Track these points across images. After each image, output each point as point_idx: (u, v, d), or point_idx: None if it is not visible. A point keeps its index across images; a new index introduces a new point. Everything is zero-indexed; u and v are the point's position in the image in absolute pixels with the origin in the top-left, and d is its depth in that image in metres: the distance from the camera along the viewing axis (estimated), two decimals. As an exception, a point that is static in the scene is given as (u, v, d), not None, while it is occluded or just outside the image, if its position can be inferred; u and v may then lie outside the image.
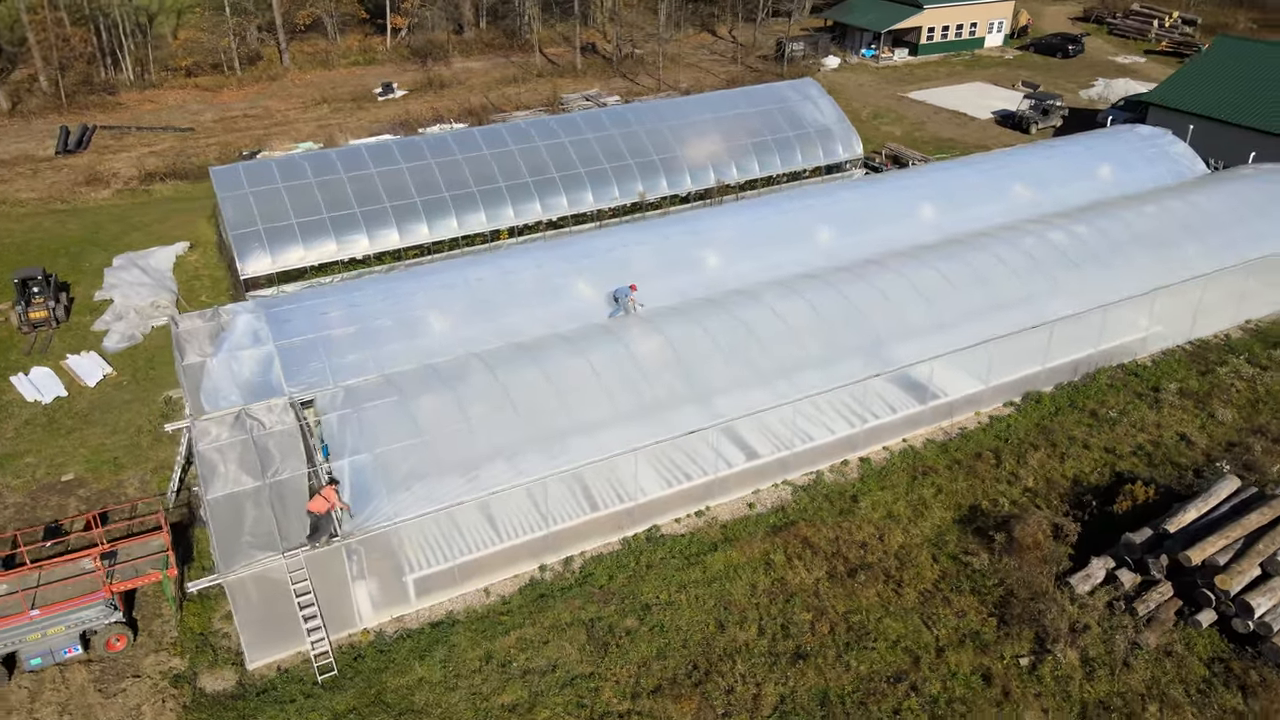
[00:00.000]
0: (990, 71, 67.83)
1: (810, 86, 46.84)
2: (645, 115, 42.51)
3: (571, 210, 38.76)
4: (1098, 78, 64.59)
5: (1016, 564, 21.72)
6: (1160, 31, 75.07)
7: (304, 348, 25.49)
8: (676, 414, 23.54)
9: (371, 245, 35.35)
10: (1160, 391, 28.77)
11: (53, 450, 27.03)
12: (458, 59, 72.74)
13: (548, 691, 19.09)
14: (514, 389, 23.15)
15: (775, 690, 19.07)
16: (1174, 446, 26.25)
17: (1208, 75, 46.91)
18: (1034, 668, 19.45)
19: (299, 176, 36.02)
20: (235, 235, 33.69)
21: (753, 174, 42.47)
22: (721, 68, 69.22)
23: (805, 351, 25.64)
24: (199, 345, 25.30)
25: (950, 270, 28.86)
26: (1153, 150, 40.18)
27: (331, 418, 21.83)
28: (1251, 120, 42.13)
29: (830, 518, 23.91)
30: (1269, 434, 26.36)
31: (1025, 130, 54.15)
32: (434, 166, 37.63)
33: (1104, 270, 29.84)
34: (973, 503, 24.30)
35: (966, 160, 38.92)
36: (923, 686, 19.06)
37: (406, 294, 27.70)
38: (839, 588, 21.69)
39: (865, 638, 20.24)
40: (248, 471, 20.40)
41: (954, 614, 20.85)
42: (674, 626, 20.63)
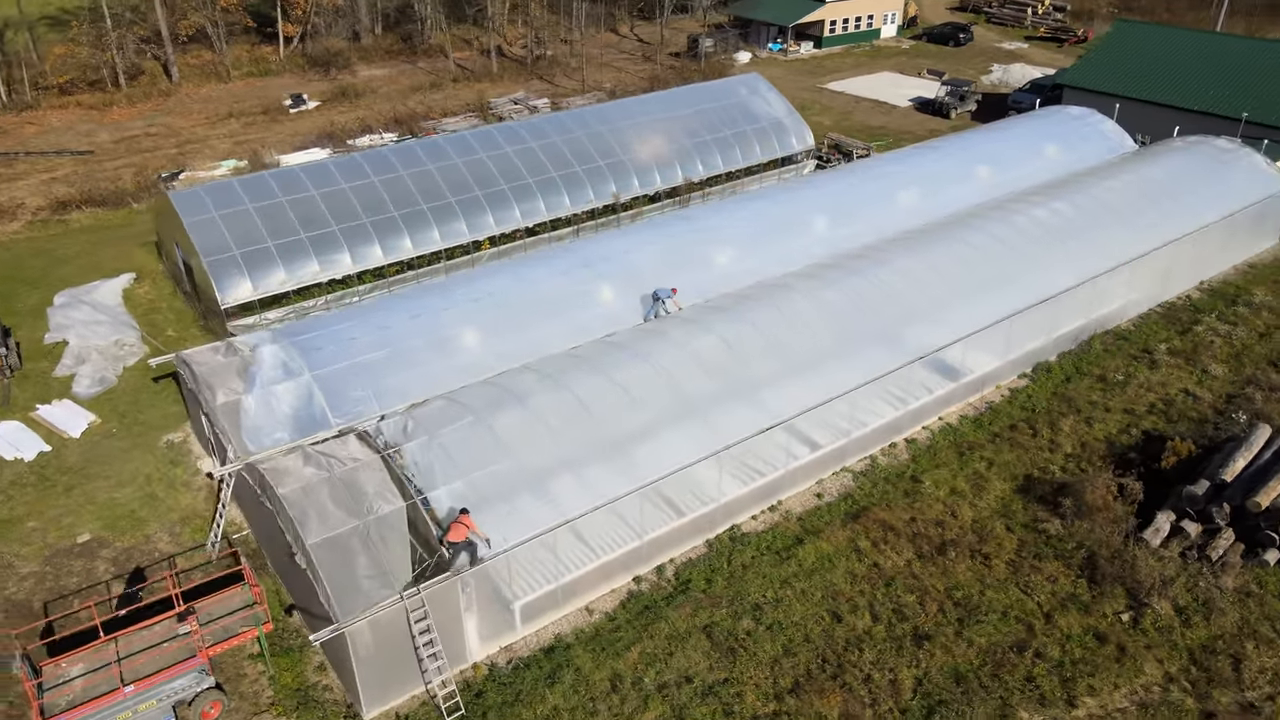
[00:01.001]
0: (892, 61, 70.62)
1: (757, 81, 47.55)
2: (609, 116, 42.10)
3: (550, 215, 38.00)
4: (993, 64, 68.33)
5: (1089, 526, 22.81)
6: (1035, 18, 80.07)
7: (341, 375, 24.11)
8: (744, 411, 23.50)
9: (354, 264, 33.60)
10: (1153, 353, 30.79)
11: (55, 510, 24.48)
12: (362, 67, 69.94)
13: (690, 703, 18.75)
14: (584, 398, 22.57)
15: (910, 674, 19.36)
16: (1183, 402, 28.16)
17: (1115, 58, 50.39)
18: (1136, 622, 20.50)
19: (268, 196, 33.83)
20: (210, 263, 31.34)
21: (716, 169, 42.75)
22: (636, 67, 69.31)
23: (850, 338, 26.11)
24: (227, 382, 23.49)
25: (957, 251, 29.97)
26: (1086, 129, 42.91)
27: (411, 446, 20.66)
28: (1170, 99, 45.53)
29: (899, 500, 24.43)
30: (1261, 384, 28.64)
31: (945, 115, 56.69)
32: (407, 179, 36.10)
33: (1089, 242, 31.66)
34: (1025, 473, 25.34)
35: (929, 146, 40.42)
36: (1045, 652, 19.77)
37: (433, 311, 26.58)
38: (931, 566, 22.21)
39: (975, 612, 20.81)
40: (343, 510, 19.07)
41: (1046, 580, 21.71)
42: (790, 623, 20.63)
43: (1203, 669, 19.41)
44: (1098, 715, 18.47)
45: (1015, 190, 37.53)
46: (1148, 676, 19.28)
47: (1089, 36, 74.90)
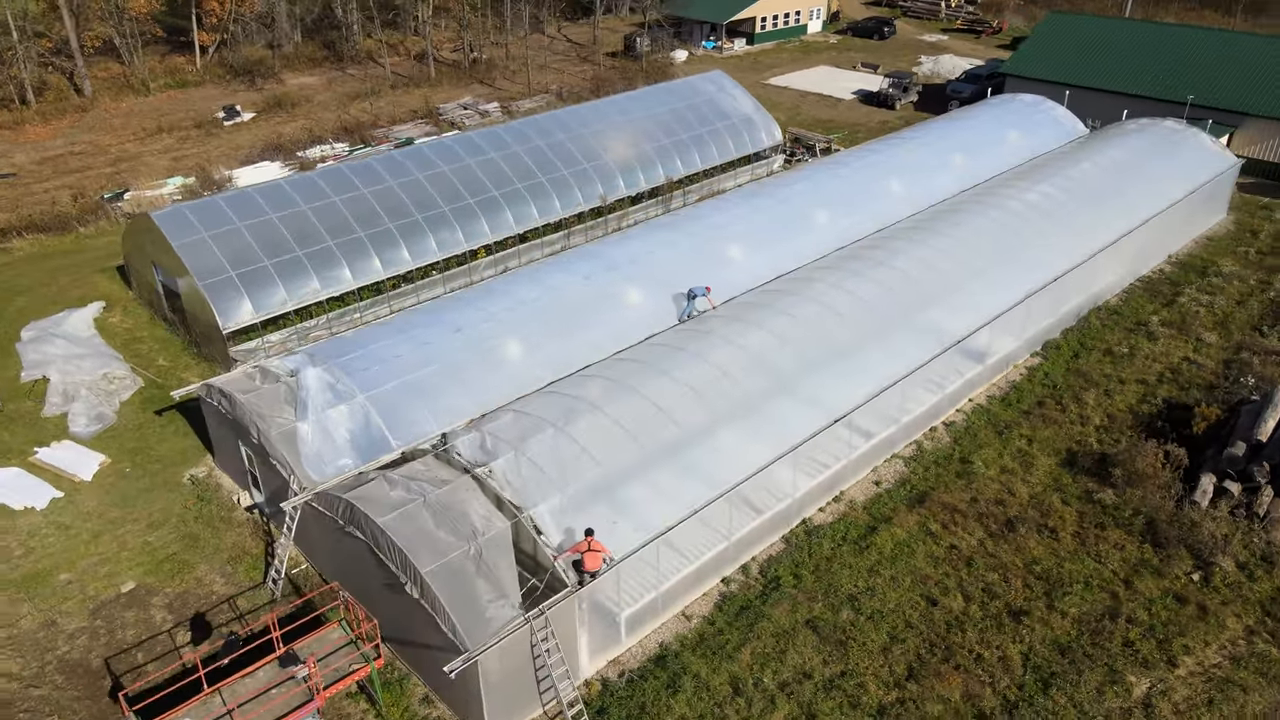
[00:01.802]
0: (825, 55, 72.22)
1: (722, 78, 47.90)
2: (587, 118, 41.69)
3: (541, 220, 37.38)
4: (921, 55, 70.66)
5: (1142, 494, 23.87)
6: (949, 11, 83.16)
7: (394, 395, 23.16)
8: (802, 405, 23.63)
9: (355, 279, 32.30)
10: (1147, 325, 32.43)
11: (88, 560, 22.72)
12: (289, 75, 67.28)
13: (816, 699, 18.77)
14: (656, 400, 22.29)
15: (1016, 650, 19.87)
16: (1188, 370, 29.76)
17: (1050, 47, 52.80)
18: (1206, 580, 21.56)
19: (257, 213, 32.18)
20: (207, 285, 29.60)
21: (694, 167, 42.91)
22: (576, 68, 68.84)
23: (886, 328, 26.55)
24: (276, 411, 22.25)
25: (965, 236, 30.84)
26: (1041, 115, 44.82)
27: (499, 465, 19.98)
28: (1117, 85, 47.95)
29: (954, 482, 25.03)
30: (1254, 349, 30.51)
31: (890, 107, 58.31)
32: (397, 189, 34.94)
33: (1079, 221, 33.07)
34: (1065, 447, 26.31)
35: (903, 136, 41.41)
36: (1135, 617, 20.59)
37: (473, 324, 25.80)
38: (1004, 544, 22.84)
39: (1058, 584, 21.50)
40: (450, 534, 18.30)
41: (1113, 548, 22.61)
42: (889, 611, 20.89)
43: (1277, 620, 20.56)
44: (1197, 672, 19.34)
45: (992, 175, 39.02)
46: (1231, 631, 20.31)
47: (1003, 27, 78.30)
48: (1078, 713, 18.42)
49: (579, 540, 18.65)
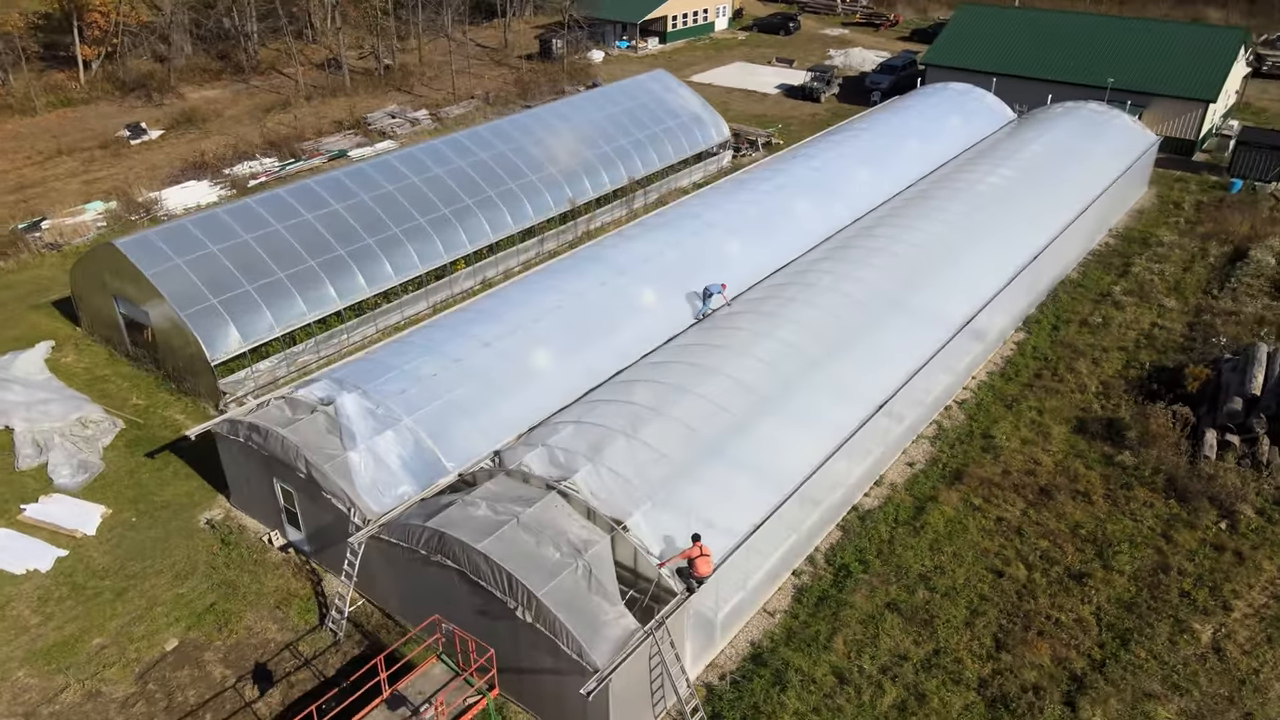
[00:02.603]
0: (737, 51, 73.39)
1: (666, 77, 48.09)
2: (548, 122, 41.11)
3: (516, 227, 36.64)
4: (829, 49, 72.75)
5: (1156, 453, 25.36)
6: (846, 6, 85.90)
7: (439, 416, 22.29)
8: (841, 395, 24.02)
9: (341, 299, 30.86)
10: (1111, 295, 34.46)
11: (119, 620, 20.92)
12: (189, 89, 63.55)
13: (919, 679, 19.15)
14: (716, 399, 22.23)
15: (1086, 611, 20.79)
16: (1160, 335, 31.78)
17: (966, 37, 55.30)
18: (1234, 528, 23.10)
19: (229, 235, 30.32)
20: (190, 315, 27.68)
21: (654, 165, 42.94)
22: (494, 72, 67.70)
23: (900, 312, 27.26)
24: (319, 443, 21.07)
25: (947, 220, 31.98)
26: (973, 102, 46.89)
27: (581, 477, 19.49)
28: (1035, 71, 50.60)
29: (982, 456, 25.97)
30: (1211, 311, 32.84)
31: (815, 99, 59.81)
32: (369, 202, 33.57)
33: (1040, 200, 34.81)
34: (1074, 415, 27.67)
35: (853, 127, 42.48)
36: (1184, 568, 21.87)
37: (499, 336, 25.04)
38: (1045, 512, 23.86)
39: (1108, 548, 22.61)
40: (555, 553, 17.75)
41: (1144, 506, 23.95)
42: (961, 586, 21.50)
43: (1303, 557, 22.27)
44: (1249, 614, 20.71)
45: (945, 160, 40.64)
46: (1267, 573, 21.83)
47: (899, 20, 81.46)
48: (1159, 664, 19.44)
49: (684, 548, 18.40)
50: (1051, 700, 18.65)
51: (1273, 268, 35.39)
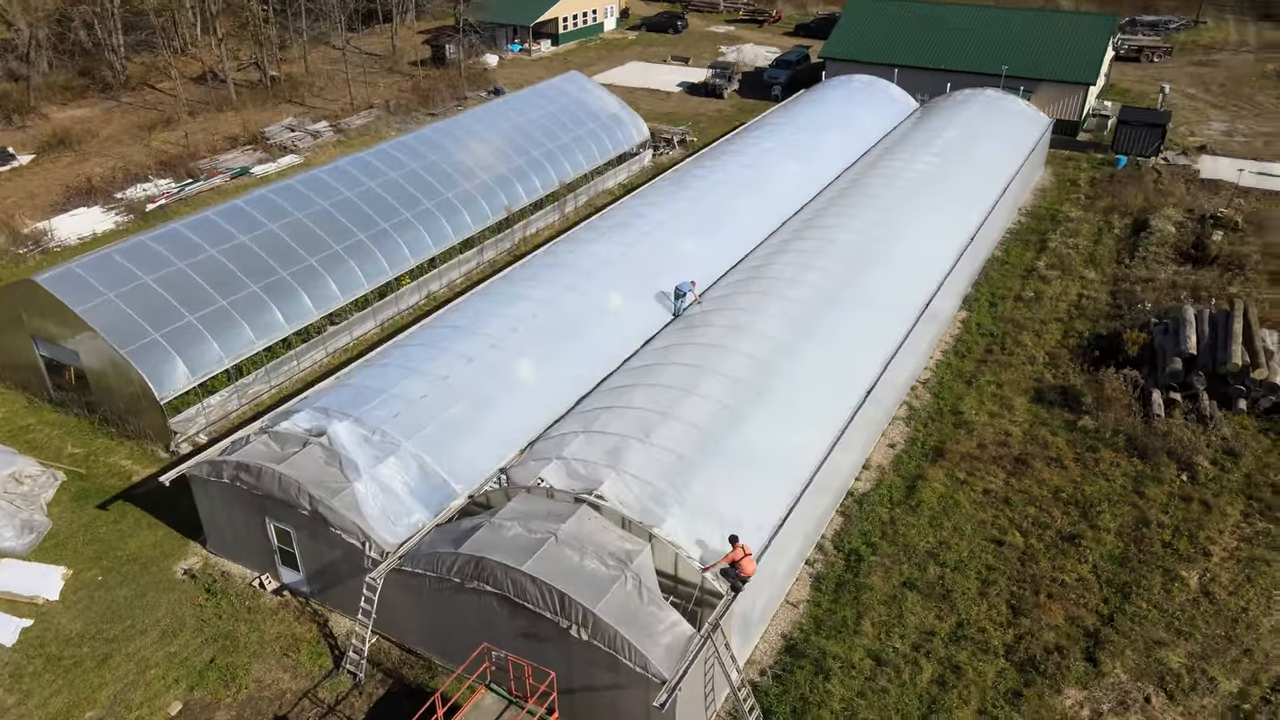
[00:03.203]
0: (630, 51, 73.65)
1: (580, 79, 47.81)
2: (473, 129, 40.22)
3: (457, 238, 35.68)
4: (721, 46, 73.96)
5: (1113, 415, 26.98)
6: (729, 4, 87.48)
7: (438, 438, 21.51)
8: (830, 383, 24.51)
9: (288, 323, 29.31)
10: (1036, 270, 36.42)
11: (111, 690, 19.21)
12: (52, 109, 58.94)
13: (951, 652, 19.74)
14: (719, 399, 22.28)
15: (1084, 569, 21.92)
16: (1088, 305, 33.79)
17: (860, 31, 57.23)
18: (1194, 479, 24.82)
19: (161, 263, 28.32)
20: (131, 352, 25.70)
21: (581, 168, 42.65)
22: (385, 79, 65.62)
23: (862, 302, 27.98)
24: (321, 476, 19.98)
25: (883, 208, 33.02)
26: (880, 93, 48.62)
27: (607, 488, 19.14)
28: (935, 62, 52.81)
29: (955, 432, 27.00)
30: (1128, 279, 35.16)
31: (719, 96, 60.70)
32: (306, 221, 32.02)
33: (968, 181, 36.47)
34: (1030, 386, 29.10)
35: (773, 121, 43.29)
36: (1161, 520, 23.34)
37: (479, 352, 24.32)
38: (1025, 479, 25.02)
39: (1090, 508, 23.90)
40: (600, 567, 17.38)
41: (1111, 466, 25.44)
42: (966, 558, 22.29)
43: (1258, 499, 24.11)
44: (1226, 557, 22.31)
45: (865, 149, 41.98)
46: (1232, 517, 23.57)
47: (780, 16, 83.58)
48: (1160, 613, 20.71)
49: (718, 548, 18.36)
50: (1074, 658, 19.59)
51: (1174, 235, 38.18)
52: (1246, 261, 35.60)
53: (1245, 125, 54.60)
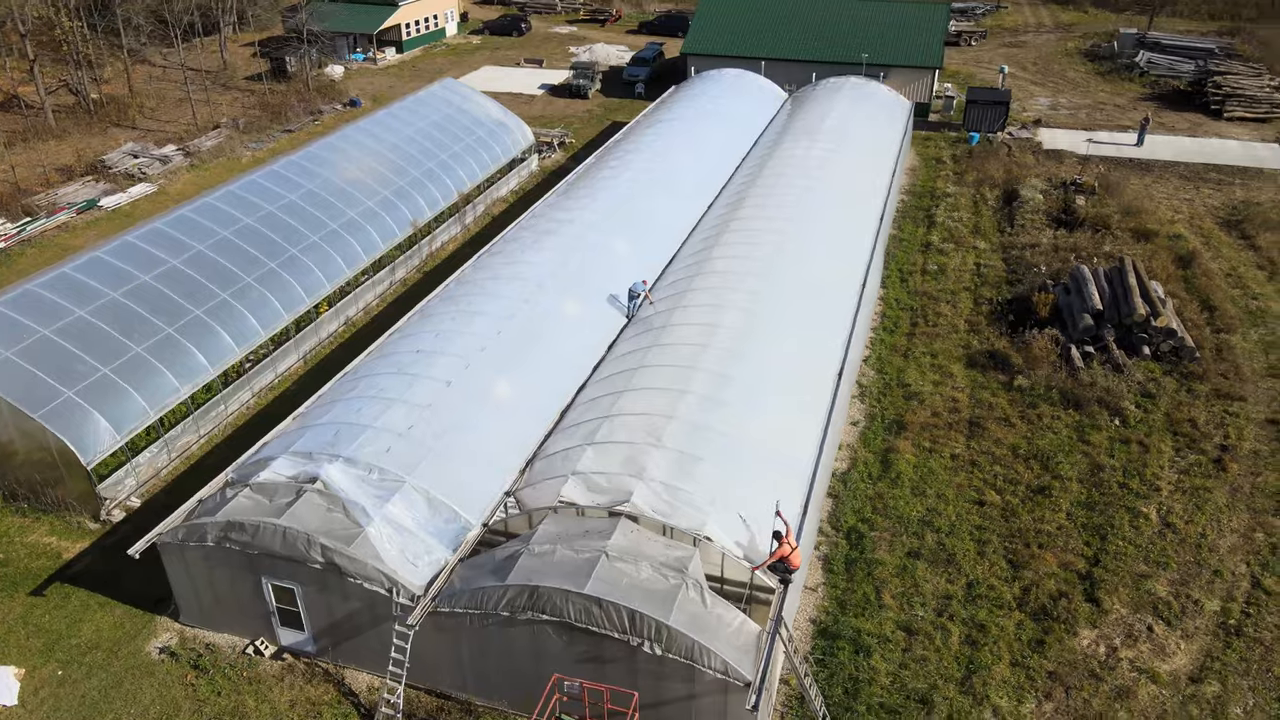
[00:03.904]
0: (480, 56, 72.17)
1: (457, 85, 46.45)
2: (365, 143, 38.21)
3: (368, 259, 33.85)
4: (570, 46, 73.76)
5: (1044, 373, 29.05)
6: (566, 4, 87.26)
7: (438, 468, 20.44)
8: (810, 373, 25.08)
9: (212, 366, 26.90)
10: (932, 245, 38.63)
11: (111, 794, 17.05)
12: None
13: (971, 612, 20.68)
14: (714, 397, 22.32)
15: (1061, 518, 23.51)
16: (988, 272, 36.19)
17: (717, 26, 58.58)
18: (1125, 423, 27.14)
19: (57, 313, 25.30)
20: (44, 416, 22.81)
21: (476, 177, 41.47)
22: (225, 96, 61.18)
23: (809, 291, 28.82)
24: (328, 525, 18.55)
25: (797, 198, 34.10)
26: (752, 86, 50.06)
27: (639, 499, 18.78)
28: (797, 53, 54.73)
29: (907, 404, 28.26)
30: (1016, 245, 37.90)
31: (584, 96, 60.51)
32: (208, 253, 29.46)
33: (863, 164, 38.21)
34: (961, 354, 30.85)
35: (661, 118, 43.57)
36: (1110, 464, 25.36)
37: (455, 373, 23.22)
38: (984, 441, 26.54)
39: (1049, 460, 25.63)
40: (660, 579, 17.03)
41: (1054, 419, 27.38)
42: (955, 522, 23.41)
43: (1182, 433, 26.65)
44: (1173, 489, 24.53)
45: (753, 142, 43.08)
46: (1166, 453, 25.94)
47: (620, 15, 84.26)
48: (1135, 548, 22.53)
49: (757, 543, 18.43)
50: (1077, 601, 21.00)
51: (1043, 202, 41.47)
52: (1110, 222, 39.17)
53: (1066, 99, 60.00)
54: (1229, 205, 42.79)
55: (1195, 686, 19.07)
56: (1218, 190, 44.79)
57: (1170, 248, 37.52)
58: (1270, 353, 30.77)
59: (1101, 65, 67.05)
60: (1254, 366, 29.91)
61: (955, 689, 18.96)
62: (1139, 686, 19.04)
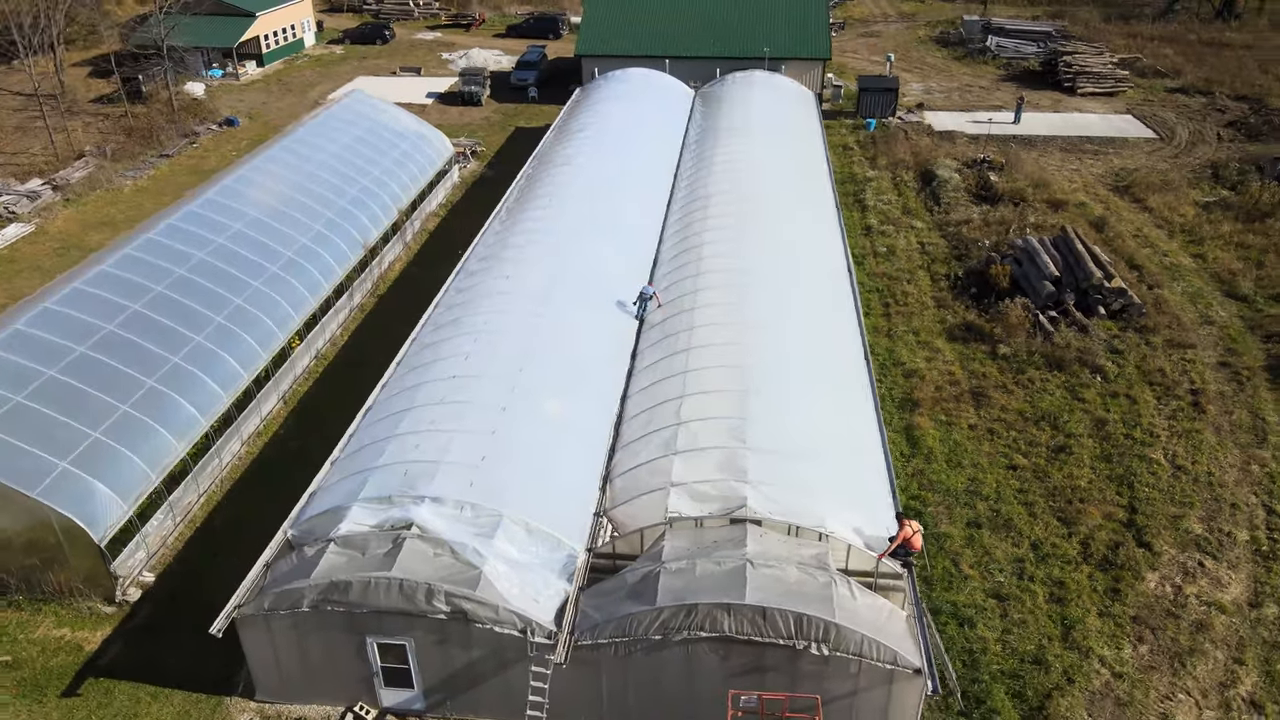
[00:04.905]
0: (347, 66, 68.78)
1: (368, 97, 44.24)
2: (300, 164, 35.65)
3: (329, 286, 31.68)
4: (442, 53, 71.60)
5: (1021, 340, 30.85)
6: (421, 10, 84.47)
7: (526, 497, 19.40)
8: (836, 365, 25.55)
9: (205, 417, 24.42)
10: (874, 228, 40.16)
11: None
12: None
13: (1047, 571, 21.72)
14: (765, 392, 22.36)
15: (1087, 472, 25.07)
16: (933, 250, 38.01)
17: (607, 26, 58.41)
18: (1106, 379, 29.23)
19: (25, 376, 22.27)
20: (43, 493, 19.97)
21: (411, 192, 39.61)
22: (73, 122, 55.40)
23: (805, 276, 29.34)
24: (442, 572, 17.35)
25: (767, 193, 34.69)
26: (662, 84, 50.32)
27: (753, 504, 18.54)
28: (695, 50, 55.29)
29: (909, 381, 29.30)
30: (951, 223, 39.99)
31: (477, 103, 58.89)
32: (169, 294, 26.74)
33: (800, 156, 39.25)
34: (940, 329, 32.27)
35: (586, 124, 42.92)
36: (1109, 418, 27.24)
37: (504, 396, 22.11)
38: (993, 410, 27.87)
39: (1056, 422, 27.21)
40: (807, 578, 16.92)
41: (1043, 381, 29.13)
42: (997, 487, 24.51)
43: (1156, 383, 28.99)
44: (1170, 435, 26.63)
45: (680, 138, 43.28)
46: (1149, 402, 28.14)
47: (484, 18, 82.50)
48: (1159, 493, 24.35)
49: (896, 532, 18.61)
50: (1131, 547, 22.49)
51: (960, 181, 43.93)
52: (1025, 194, 42.01)
53: (935, 83, 63.73)
54: (1112, 173, 46.82)
55: (1256, 611, 20.85)
56: (1097, 160, 48.90)
57: (1082, 214, 40.66)
58: (1196, 302, 33.94)
59: (955, 51, 71.65)
60: (1190, 317, 32.91)
61: (1060, 645, 19.89)
62: (1211, 618, 20.62)
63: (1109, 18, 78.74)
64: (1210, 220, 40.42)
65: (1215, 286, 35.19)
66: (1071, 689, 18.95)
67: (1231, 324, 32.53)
